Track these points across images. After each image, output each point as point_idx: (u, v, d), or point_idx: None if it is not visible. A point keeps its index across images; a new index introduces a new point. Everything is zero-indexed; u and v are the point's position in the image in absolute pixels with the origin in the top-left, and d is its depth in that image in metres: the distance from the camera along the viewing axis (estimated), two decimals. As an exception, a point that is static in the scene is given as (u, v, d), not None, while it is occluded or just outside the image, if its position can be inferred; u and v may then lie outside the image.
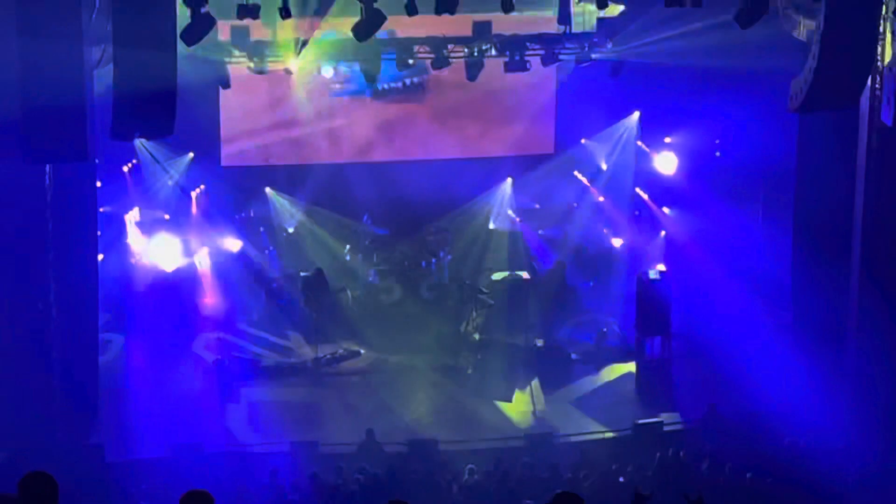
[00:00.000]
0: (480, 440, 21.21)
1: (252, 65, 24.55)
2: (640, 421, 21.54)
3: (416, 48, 25.26)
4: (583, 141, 29.26)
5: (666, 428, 21.36)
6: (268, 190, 28.57)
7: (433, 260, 28.54)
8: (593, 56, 26.08)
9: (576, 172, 29.46)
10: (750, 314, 24.79)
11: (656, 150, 28.53)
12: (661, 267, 25.03)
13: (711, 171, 26.98)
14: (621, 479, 18.37)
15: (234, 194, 28.78)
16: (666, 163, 28.46)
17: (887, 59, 18.91)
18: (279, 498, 18.38)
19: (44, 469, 7.78)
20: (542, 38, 25.90)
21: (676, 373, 24.16)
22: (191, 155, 27.70)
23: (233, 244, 27.83)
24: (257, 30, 23.90)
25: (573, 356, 25.13)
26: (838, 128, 21.63)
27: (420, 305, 27.68)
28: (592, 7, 24.02)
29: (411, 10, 19.50)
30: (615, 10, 25.60)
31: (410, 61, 25.48)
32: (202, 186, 28.23)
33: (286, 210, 28.66)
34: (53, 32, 16.86)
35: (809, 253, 22.67)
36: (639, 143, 28.71)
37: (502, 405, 23.37)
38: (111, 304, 24.79)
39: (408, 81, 27.01)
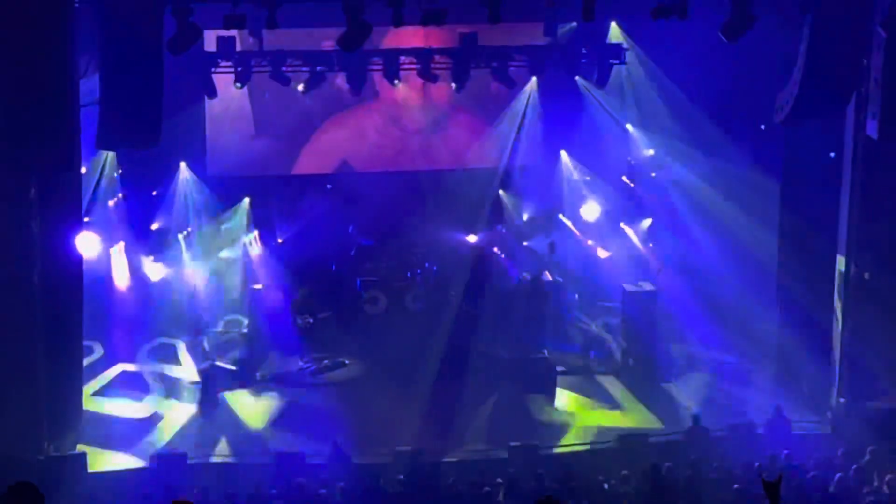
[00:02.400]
0: (465, 451, 21.20)
1: (238, 78, 24.55)
2: (625, 432, 21.55)
3: (402, 59, 25.28)
4: (562, 153, 29.29)
5: (650, 439, 21.35)
6: (245, 201, 28.47)
7: (418, 270, 28.54)
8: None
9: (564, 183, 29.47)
10: (734, 325, 24.83)
11: (640, 161, 28.53)
12: (649, 286, 25.02)
13: (698, 183, 26.96)
14: (605, 487, 18.37)
15: (221, 203, 28.66)
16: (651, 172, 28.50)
17: (873, 71, 18.97)
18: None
19: (27, 479, 7.76)
20: (528, 50, 25.97)
21: (661, 384, 24.16)
22: (182, 165, 27.70)
23: (219, 253, 27.79)
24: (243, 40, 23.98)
25: (558, 368, 25.11)
26: (824, 138, 21.73)
27: (405, 316, 27.67)
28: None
29: (398, 21, 19.50)
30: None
31: (396, 81, 25.53)
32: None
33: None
34: (40, 42, 16.88)
35: (795, 263, 22.72)
36: (629, 159, 28.74)
37: (487, 416, 23.35)
38: (95, 312, 24.68)
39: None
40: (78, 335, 22.02)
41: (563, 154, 29.30)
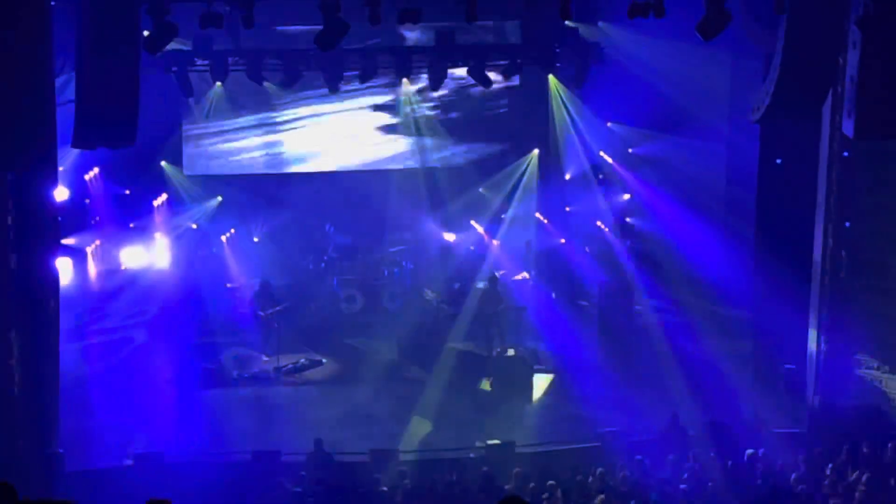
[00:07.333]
0: (441, 450, 21.19)
1: (215, 77, 24.54)
2: (603, 430, 21.56)
3: (379, 58, 25.28)
4: (535, 151, 29.36)
5: (628, 438, 21.35)
6: (219, 199, 28.49)
7: (395, 269, 28.53)
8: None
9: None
10: (711, 324, 24.87)
11: (620, 161, 28.57)
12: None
13: (674, 180, 27.01)
14: (578, 478, 18.37)
15: (198, 203, 28.66)
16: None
17: (849, 70, 19.02)
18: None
19: (3, 478, 7.73)
20: (504, 49, 25.97)
21: (639, 382, 24.16)
22: (164, 164, 27.76)
23: (195, 252, 27.80)
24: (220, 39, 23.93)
25: (535, 366, 25.12)
26: (800, 138, 21.79)
27: (382, 314, 27.66)
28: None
29: (374, 20, 19.46)
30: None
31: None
32: (164, 196, 28.16)
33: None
34: (17, 40, 16.81)
35: (770, 262, 22.77)
36: (601, 153, 28.78)
37: (463, 415, 23.36)
38: (71, 311, 24.62)
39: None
40: (54, 334, 21.89)
41: (535, 152, 29.38)
